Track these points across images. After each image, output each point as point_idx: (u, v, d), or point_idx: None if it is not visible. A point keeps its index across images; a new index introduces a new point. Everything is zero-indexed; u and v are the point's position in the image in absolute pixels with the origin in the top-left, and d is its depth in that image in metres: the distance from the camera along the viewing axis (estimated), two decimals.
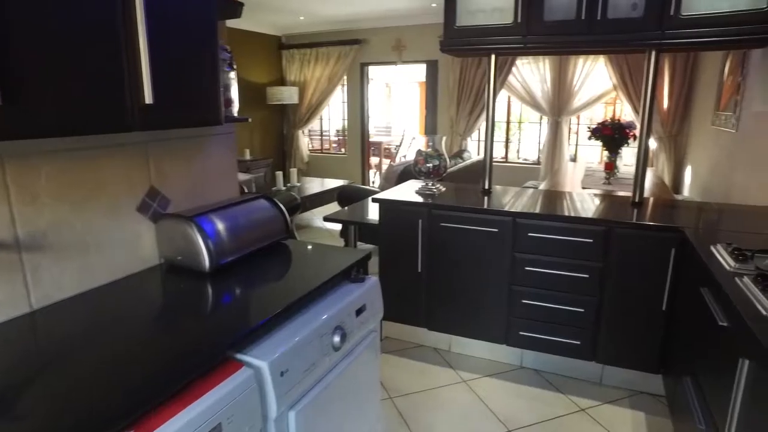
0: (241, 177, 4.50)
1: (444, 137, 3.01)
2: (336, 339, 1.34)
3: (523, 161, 6.85)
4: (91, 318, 1.23)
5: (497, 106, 3.08)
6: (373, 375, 1.63)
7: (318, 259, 1.68)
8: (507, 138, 6.77)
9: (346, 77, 7.20)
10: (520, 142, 7.12)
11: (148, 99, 1.13)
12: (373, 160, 8.57)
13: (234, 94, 1.67)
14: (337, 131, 8.42)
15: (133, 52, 1.10)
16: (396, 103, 11.69)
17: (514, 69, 5.97)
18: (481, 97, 6.12)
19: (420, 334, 2.85)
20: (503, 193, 2.92)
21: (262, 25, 6.98)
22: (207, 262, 1.43)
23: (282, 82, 7.52)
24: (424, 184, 2.90)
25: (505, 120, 6.74)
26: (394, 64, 6.81)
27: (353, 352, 1.47)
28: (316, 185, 5.63)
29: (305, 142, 7.87)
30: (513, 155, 6.93)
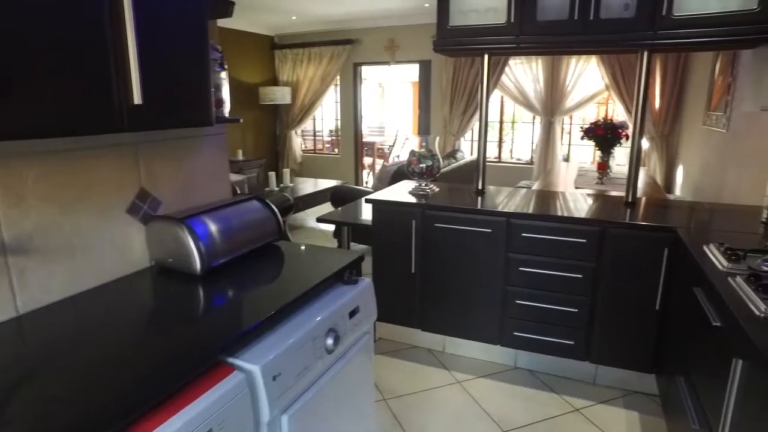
0: (233, 178, 4.47)
1: (437, 137, 3.01)
2: (329, 342, 1.33)
3: (516, 161, 6.86)
4: (79, 322, 1.21)
5: (490, 106, 3.08)
6: (366, 377, 1.62)
7: (310, 261, 1.67)
8: (500, 138, 6.78)
9: (339, 77, 7.19)
10: (513, 142, 7.14)
11: (137, 99, 1.11)
12: (367, 161, 8.56)
13: (225, 94, 1.65)
14: (330, 131, 8.40)
15: (122, 51, 1.08)
16: (389, 103, 11.68)
17: (507, 69, 5.98)
18: (474, 97, 6.13)
19: (414, 335, 2.84)
20: (497, 193, 2.92)
21: (254, 25, 6.94)
22: (198, 264, 1.41)
23: (275, 82, 7.49)
24: (417, 184, 2.90)
25: (498, 120, 6.76)
26: (387, 64, 6.80)
27: (347, 355, 1.46)
28: (309, 186, 5.61)
29: (298, 143, 7.85)
30: (506, 155, 6.95)
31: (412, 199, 2.69)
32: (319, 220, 3.26)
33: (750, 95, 3.09)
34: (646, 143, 5.46)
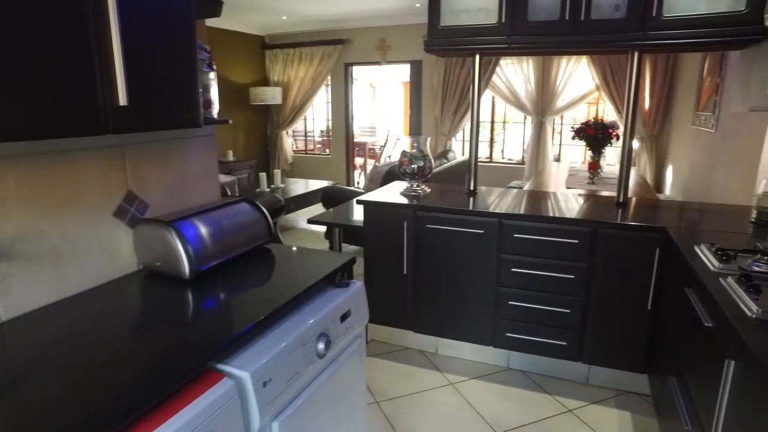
0: (224, 179, 4.44)
1: (429, 138, 3.00)
2: (320, 346, 1.31)
3: (507, 161, 6.88)
4: (65, 328, 1.18)
5: (482, 106, 3.08)
6: (359, 381, 1.61)
7: (301, 264, 1.65)
8: (491, 138, 6.79)
9: (330, 77, 7.16)
10: (504, 142, 7.15)
11: (123, 101, 1.09)
12: (358, 161, 8.54)
13: (214, 95, 1.62)
14: (322, 132, 8.37)
15: (106, 51, 1.06)
16: (380, 103, 11.66)
17: (498, 69, 5.99)
18: (465, 97, 6.13)
19: (406, 336, 2.83)
20: (488, 193, 2.92)
21: (244, 25, 6.90)
22: (187, 268, 1.38)
23: (265, 82, 7.45)
24: (409, 185, 2.88)
25: (489, 120, 6.77)
26: (379, 64, 6.79)
27: (338, 359, 1.44)
28: (300, 186, 5.58)
29: (289, 143, 7.81)
30: (497, 155, 6.96)
31: (404, 200, 2.68)
32: (311, 221, 3.24)
33: (738, 96, 3.11)
34: (636, 143, 5.50)
